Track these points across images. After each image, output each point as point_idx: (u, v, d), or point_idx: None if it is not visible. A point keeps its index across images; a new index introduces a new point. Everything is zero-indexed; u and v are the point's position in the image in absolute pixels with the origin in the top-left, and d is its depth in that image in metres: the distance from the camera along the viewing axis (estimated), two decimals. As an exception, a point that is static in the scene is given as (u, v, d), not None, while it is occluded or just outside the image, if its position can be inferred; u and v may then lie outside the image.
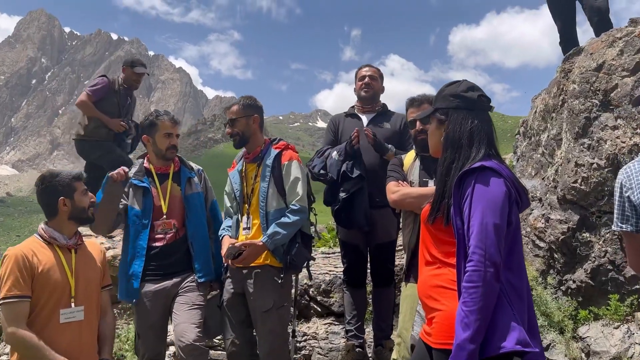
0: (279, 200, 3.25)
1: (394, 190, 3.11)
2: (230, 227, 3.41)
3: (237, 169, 3.44)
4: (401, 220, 3.24)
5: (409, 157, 3.29)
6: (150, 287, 3.22)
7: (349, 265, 4.09)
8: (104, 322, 2.95)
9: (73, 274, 2.78)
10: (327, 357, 4.18)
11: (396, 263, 4.16)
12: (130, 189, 3.34)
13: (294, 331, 3.44)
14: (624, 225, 2.62)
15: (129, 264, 3.24)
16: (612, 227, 2.74)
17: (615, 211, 2.66)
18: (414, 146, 3.32)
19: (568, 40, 5.43)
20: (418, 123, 3.15)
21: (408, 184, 3.14)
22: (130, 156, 5.55)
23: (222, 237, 3.39)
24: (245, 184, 3.36)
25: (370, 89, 4.14)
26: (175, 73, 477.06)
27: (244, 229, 3.29)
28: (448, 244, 2.13)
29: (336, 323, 4.43)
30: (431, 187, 3.04)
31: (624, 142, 3.50)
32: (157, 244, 3.26)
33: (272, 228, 3.14)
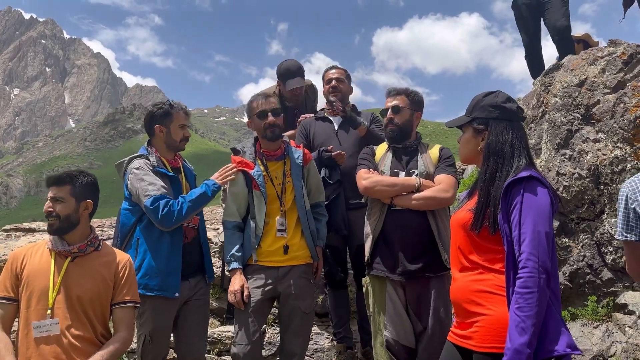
0: (307, 200, 3.32)
1: (365, 177, 3.18)
2: (240, 247, 3.17)
3: (258, 169, 3.19)
4: (367, 209, 3.30)
5: (382, 148, 3.37)
6: None
7: (330, 267, 4.12)
8: (108, 341, 2.61)
9: (57, 283, 2.53)
10: (312, 357, 4.18)
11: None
12: (157, 176, 3.07)
13: None
14: (628, 235, 2.82)
15: (166, 258, 2.99)
16: (616, 236, 2.94)
17: (620, 222, 2.86)
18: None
19: (532, 54, 5.77)
20: (389, 112, 3.24)
21: (378, 173, 3.20)
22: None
23: (234, 271, 3.12)
24: (271, 184, 3.20)
25: (338, 93, 4.13)
26: (93, 58, 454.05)
27: (280, 230, 3.14)
28: (492, 251, 2.19)
29: (319, 323, 4.44)
30: (402, 177, 3.14)
31: (605, 155, 3.76)
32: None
33: (322, 230, 3.40)
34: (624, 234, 2.86)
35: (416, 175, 3.13)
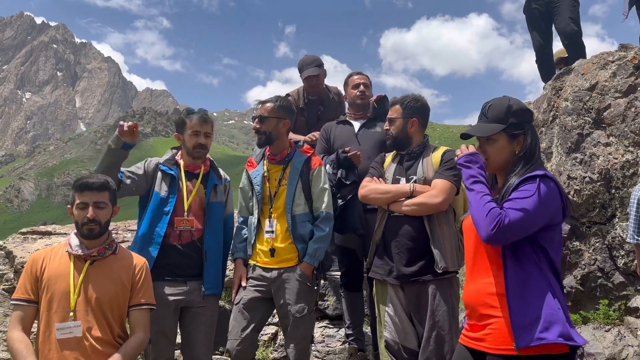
0: (305, 204, 3.28)
1: (364, 185, 3.28)
2: (245, 239, 3.36)
3: (259, 169, 3.38)
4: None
5: (391, 155, 3.42)
6: (164, 290, 3.10)
7: (346, 269, 4.16)
8: (126, 342, 2.68)
9: (77, 286, 2.60)
10: (324, 360, 4.22)
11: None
12: (159, 174, 3.26)
13: (312, 337, 3.45)
14: (639, 238, 2.85)
15: (141, 250, 3.09)
16: (627, 239, 2.96)
17: (631, 225, 2.88)
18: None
19: (543, 58, 5.79)
20: (386, 124, 3.31)
21: (382, 181, 3.27)
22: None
23: (236, 260, 3.35)
24: (267, 186, 3.32)
25: (365, 97, 4.23)
26: (104, 62, 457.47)
27: (267, 232, 3.26)
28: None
29: (331, 326, 4.47)
30: (397, 184, 3.19)
31: (616, 159, 3.77)
32: (173, 241, 3.16)
33: (311, 246, 3.19)
34: (636, 237, 2.89)
35: (414, 182, 3.19)
